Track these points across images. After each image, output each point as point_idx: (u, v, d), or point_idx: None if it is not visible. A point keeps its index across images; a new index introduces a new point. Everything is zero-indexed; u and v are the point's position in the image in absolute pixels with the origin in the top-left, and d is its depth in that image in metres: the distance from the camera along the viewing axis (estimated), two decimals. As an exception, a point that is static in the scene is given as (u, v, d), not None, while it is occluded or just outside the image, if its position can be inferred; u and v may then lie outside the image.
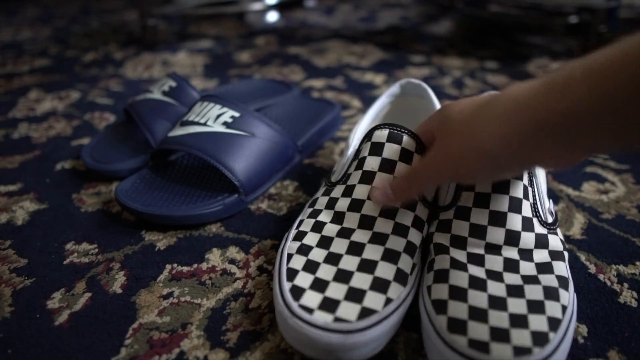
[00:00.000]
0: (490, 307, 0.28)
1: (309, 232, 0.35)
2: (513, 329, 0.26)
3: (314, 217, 0.36)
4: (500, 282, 0.30)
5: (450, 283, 0.30)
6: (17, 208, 0.47)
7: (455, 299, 0.29)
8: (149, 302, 0.35)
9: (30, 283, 0.37)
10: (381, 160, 0.35)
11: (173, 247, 0.41)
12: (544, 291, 0.29)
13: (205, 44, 1.02)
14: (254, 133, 0.46)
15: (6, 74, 0.86)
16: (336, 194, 0.37)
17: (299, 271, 0.31)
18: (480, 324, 0.27)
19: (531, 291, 0.29)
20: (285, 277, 0.31)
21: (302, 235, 0.35)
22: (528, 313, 0.27)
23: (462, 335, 0.26)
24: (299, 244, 0.34)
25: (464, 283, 0.30)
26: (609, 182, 0.49)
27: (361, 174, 0.36)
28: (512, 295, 0.29)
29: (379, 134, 0.36)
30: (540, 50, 0.94)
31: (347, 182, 0.37)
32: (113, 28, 1.18)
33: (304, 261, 0.32)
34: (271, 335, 0.32)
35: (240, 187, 0.44)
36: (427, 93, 0.47)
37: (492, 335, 0.26)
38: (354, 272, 0.31)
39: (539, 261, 0.32)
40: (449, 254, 0.32)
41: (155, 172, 0.48)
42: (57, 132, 0.62)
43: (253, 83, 0.69)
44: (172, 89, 0.55)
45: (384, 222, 0.34)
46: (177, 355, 0.31)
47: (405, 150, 0.35)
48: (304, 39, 1.05)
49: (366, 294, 0.29)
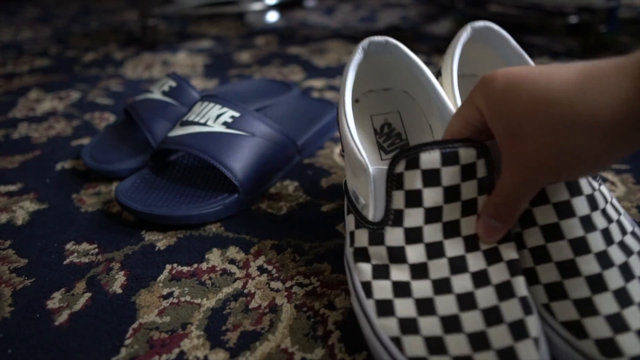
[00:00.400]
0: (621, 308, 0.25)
1: (395, 299, 0.28)
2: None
3: (383, 277, 0.29)
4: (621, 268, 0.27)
5: (572, 297, 0.27)
6: (17, 208, 0.47)
7: (587, 315, 0.26)
8: (149, 302, 0.35)
9: (30, 283, 0.37)
10: (443, 190, 0.28)
11: (173, 247, 0.41)
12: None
13: (205, 44, 1.02)
14: (254, 133, 0.46)
15: (6, 74, 0.86)
16: (396, 241, 0.29)
17: (427, 358, 0.25)
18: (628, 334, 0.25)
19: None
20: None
21: (389, 306, 0.28)
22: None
23: (620, 357, 0.24)
24: (396, 320, 0.27)
25: (586, 291, 0.26)
26: (609, 182, 0.49)
27: (424, 213, 0.29)
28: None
29: (427, 158, 0.28)
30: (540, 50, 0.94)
31: (403, 224, 0.29)
32: (113, 28, 1.18)
33: (422, 342, 0.26)
34: (271, 335, 0.32)
35: (240, 187, 0.44)
36: (398, 50, 0.39)
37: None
38: (485, 330, 0.25)
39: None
40: (551, 257, 0.28)
41: (155, 172, 0.48)
42: (57, 132, 0.62)
43: (253, 83, 0.69)
44: (172, 89, 0.55)
45: (475, 257, 0.28)
46: (177, 355, 0.31)
47: (466, 166, 0.28)
48: (304, 39, 1.05)
49: (514, 349, 0.24)
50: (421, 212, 0.29)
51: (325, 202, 0.46)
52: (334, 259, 0.39)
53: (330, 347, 0.31)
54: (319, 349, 0.31)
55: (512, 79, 0.25)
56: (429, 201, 0.29)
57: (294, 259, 0.39)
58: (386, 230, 0.30)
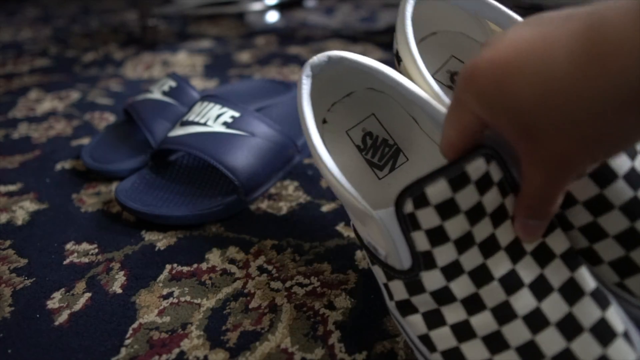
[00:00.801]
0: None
1: (461, 344, 0.25)
2: None
3: (439, 324, 0.26)
4: None
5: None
6: (17, 208, 0.47)
7: None
8: (149, 302, 0.35)
9: (30, 283, 0.37)
10: (465, 216, 0.25)
11: (173, 247, 0.41)
12: None
13: (205, 44, 1.02)
14: (254, 133, 0.46)
15: (6, 74, 0.86)
16: (437, 284, 0.26)
17: None
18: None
19: None
20: None
21: (458, 354, 0.25)
22: None
23: None
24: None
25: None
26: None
27: (454, 246, 0.25)
28: None
29: (435, 191, 0.24)
30: (540, 50, 0.93)
31: (437, 265, 0.26)
32: (113, 28, 1.18)
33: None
34: (271, 335, 0.32)
35: (240, 187, 0.44)
36: (349, 61, 0.33)
37: None
38: (568, 347, 0.23)
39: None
40: (608, 231, 0.25)
41: (155, 172, 0.48)
42: (57, 132, 0.62)
43: (253, 83, 0.69)
44: (172, 89, 0.55)
45: (525, 265, 0.25)
46: (177, 355, 0.31)
47: (480, 180, 0.25)
48: (304, 39, 1.05)
49: (607, 356, 0.22)
50: (451, 246, 0.25)
51: (325, 202, 0.46)
52: (334, 259, 0.39)
53: (330, 347, 0.31)
54: (319, 349, 0.31)
55: (501, 66, 0.20)
56: (456, 232, 0.25)
57: (294, 259, 0.39)
58: (421, 276, 0.26)
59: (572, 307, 0.24)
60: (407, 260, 0.26)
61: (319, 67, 0.33)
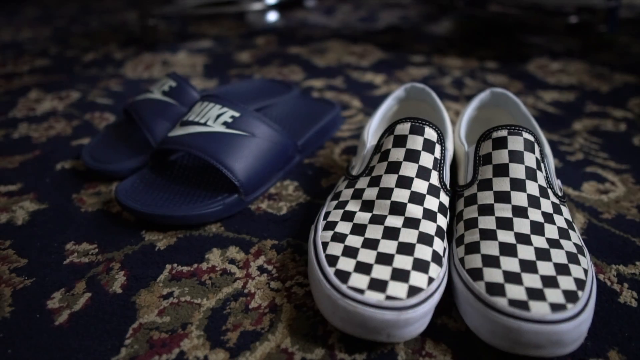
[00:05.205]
0: (523, 270, 0.30)
1: (340, 221, 0.36)
2: (546, 289, 0.29)
3: (341, 207, 0.37)
4: (529, 245, 0.32)
5: (482, 253, 0.32)
6: (17, 208, 0.47)
7: (489, 266, 0.31)
8: (149, 302, 0.35)
9: (30, 283, 0.37)
10: (405, 151, 0.37)
11: (173, 247, 0.41)
12: (567, 255, 0.32)
13: (205, 44, 1.02)
14: (254, 133, 0.46)
15: (6, 74, 0.86)
16: (361, 185, 0.38)
17: (339, 257, 0.32)
18: (517, 285, 0.29)
19: (556, 255, 0.32)
20: (327, 263, 0.32)
21: (333, 224, 0.36)
22: (557, 275, 0.30)
23: (502, 296, 0.29)
24: (332, 233, 0.35)
25: (495, 251, 0.32)
26: (609, 182, 0.49)
27: (387, 165, 0.37)
28: (540, 259, 0.31)
29: (401, 127, 0.38)
30: (540, 50, 0.94)
31: (372, 174, 0.38)
32: (113, 28, 1.18)
33: (341, 247, 0.33)
34: (271, 335, 0.32)
35: (240, 187, 0.44)
36: (430, 97, 0.50)
37: (528, 294, 0.29)
38: (394, 254, 0.32)
39: (560, 226, 0.34)
40: (478, 226, 0.34)
41: (155, 172, 0.48)
42: (57, 132, 0.62)
43: (253, 83, 0.69)
44: (172, 89, 0.55)
45: (415, 208, 0.35)
46: (177, 355, 0.31)
47: (427, 140, 0.38)
48: (304, 39, 1.05)
49: (410, 274, 0.31)
50: (384, 165, 0.38)
51: (325, 202, 0.46)
52: (334, 259, 0.39)
53: (330, 347, 0.31)
54: (319, 349, 0.31)
55: None
56: (393, 157, 0.37)
57: (294, 259, 0.39)
58: (359, 179, 0.39)
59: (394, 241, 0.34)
60: (361, 170, 0.40)
61: (409, 92, 0.52)
